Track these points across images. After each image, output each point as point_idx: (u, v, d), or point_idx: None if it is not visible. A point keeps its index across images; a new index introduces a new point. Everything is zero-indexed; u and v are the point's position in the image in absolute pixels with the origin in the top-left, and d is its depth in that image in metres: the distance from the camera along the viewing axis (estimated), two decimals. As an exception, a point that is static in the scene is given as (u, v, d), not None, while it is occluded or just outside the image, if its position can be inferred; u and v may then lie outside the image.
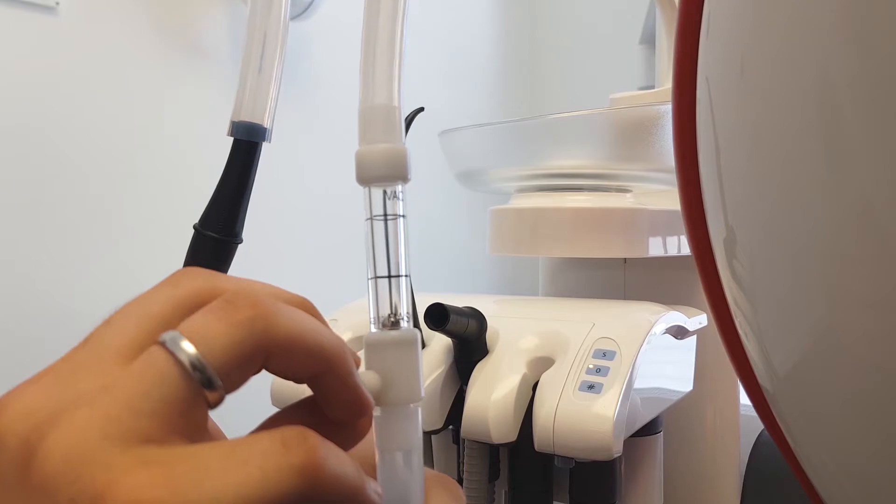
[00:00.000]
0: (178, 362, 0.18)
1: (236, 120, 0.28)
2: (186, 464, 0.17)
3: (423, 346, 0.53)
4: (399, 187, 0.26)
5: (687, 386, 0.63)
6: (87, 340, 0.21)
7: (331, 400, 0.22)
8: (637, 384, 0.50)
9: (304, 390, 0.23)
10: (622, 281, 0.76)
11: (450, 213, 1.80)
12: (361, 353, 0.25)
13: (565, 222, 0.64)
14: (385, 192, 0.26)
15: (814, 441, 0.31)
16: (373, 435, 0.24)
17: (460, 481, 0.56)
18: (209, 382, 0.19)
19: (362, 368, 0.24)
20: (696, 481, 0.71)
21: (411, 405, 0.24)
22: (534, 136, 0.63)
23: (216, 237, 0.27)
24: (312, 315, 0.22)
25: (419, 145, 0.77)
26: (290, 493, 0.18)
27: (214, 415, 0.23)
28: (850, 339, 0.25)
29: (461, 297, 0.59)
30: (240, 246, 0.36)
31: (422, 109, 0.51)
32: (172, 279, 0.21)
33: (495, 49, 2.17)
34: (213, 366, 0.19)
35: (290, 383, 0.26)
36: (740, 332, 0.33)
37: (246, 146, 0.27)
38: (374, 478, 0.24)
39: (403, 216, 0.26)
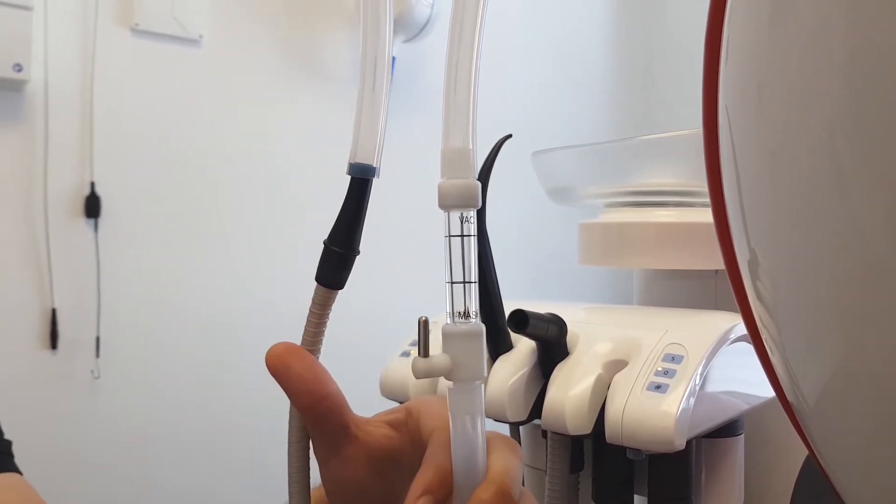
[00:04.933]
0: None
1: (352, 161, 0.35)
2: None
3: (511, 347, 0.59)
4: (472, 213, 0.33)
5: (770, 391, 0.66)
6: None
7: None
8: (708, 387, 0.55)
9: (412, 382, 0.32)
10: (714, 291, 0.79)
11: (566, 229, 1.84)
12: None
13: (651, 236, 0.68)
14: (460, 217, 0.33)
15: (835, 454, 0.33)
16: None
17: (546, 471, 0.62)
18: None
19: (439, 353, 0.31)
20: (782, 485, 0.73)
21: (476, 381, 0.31)
22: (620, 157, 0.68)
23: (339, 251, 0.35)
24: None
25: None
26: None
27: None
28: (873, 361, 0.26)
29: (558, 305, 0.64)
30: (371, 252, 0.45)
31: (510, 136, 0.58)
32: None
33: (610, 62, 2.19)
34: None
35: (399, 377, 0.46)
36: (766, 347, 0.36)
37: (360, 182, 0.35)
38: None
39: (473, 236, 0.33)
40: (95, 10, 1.43)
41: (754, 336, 0.38)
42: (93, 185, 1.43)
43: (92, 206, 1.43)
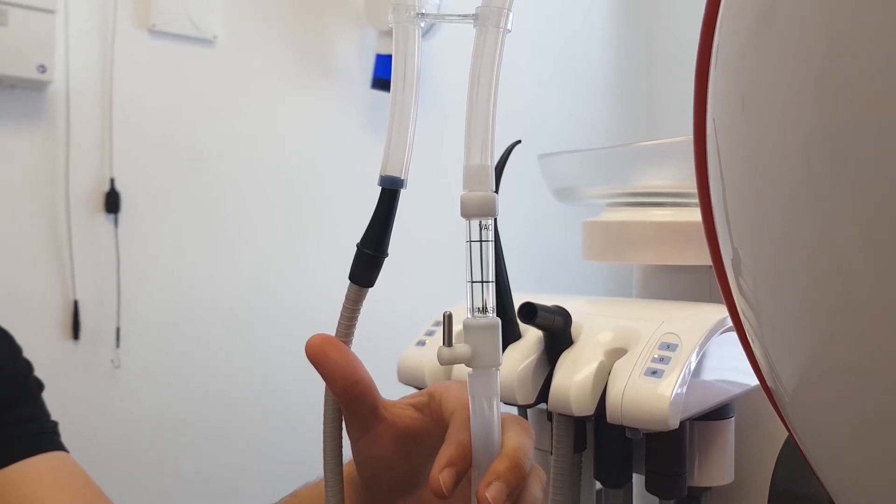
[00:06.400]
0: None
1: (383, 174, 0.40)
2: None
3: (520, 336, 0.64)
4: (490, 221, 0.38)
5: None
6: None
7: None
8: (700, 373, 0.60)
9: (428, 368, 0.37)
10: (707, 285, 0.85)
11: (569, 226, 1.89)
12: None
13: (649, 234, 0.73)
14: (480, 224, 0.38)
15: (811, 434, 0.35)
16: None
17: (551, 451, 0.67)
18: None
19: (461, 343, 0.36)
20: (768, 464, 0.79)
21: (493, 368, 0.36)
22: (621, 160, 0.73)
23: (370, 253, 0.39)
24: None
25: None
26: None
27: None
28: (843, 354, 0.29)
29: (562, 297, 0.69)
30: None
31: (519, 142, 0.63)
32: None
33: (613, 63, 2.23)
34: None
35: (415, 364, 0.54)
36: (749, 338, 0.40)
37: (390, 192, 0.39)
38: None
39: (491, 241, 0.38)
40: (114, 12, 1.47)
41: (738, 327, 0.43)
42: (112, 181, 1.48)
43: (112, 202, 1.47)
